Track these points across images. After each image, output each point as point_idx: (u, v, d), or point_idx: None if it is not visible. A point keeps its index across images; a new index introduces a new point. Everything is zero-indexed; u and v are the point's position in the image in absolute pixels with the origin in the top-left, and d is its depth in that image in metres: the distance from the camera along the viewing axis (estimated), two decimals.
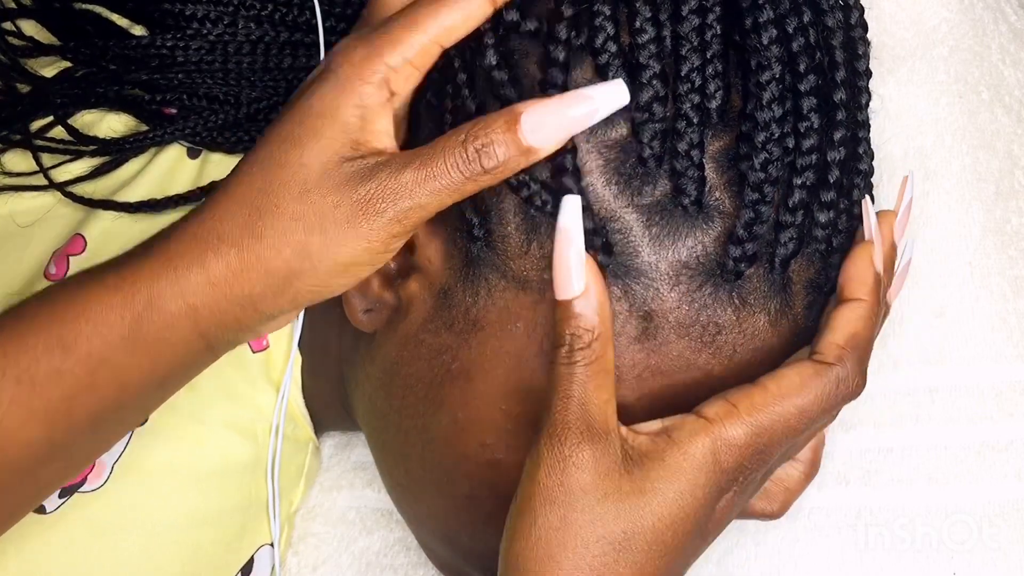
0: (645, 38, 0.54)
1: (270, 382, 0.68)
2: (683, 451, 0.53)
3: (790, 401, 0.54)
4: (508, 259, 0.56)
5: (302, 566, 0.75)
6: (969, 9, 0.73)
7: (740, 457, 0.54)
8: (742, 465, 0.54)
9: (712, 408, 0.54)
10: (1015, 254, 0.71)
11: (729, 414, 0.54)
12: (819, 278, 0.58)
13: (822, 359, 0.55)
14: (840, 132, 0.57)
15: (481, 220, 0.57)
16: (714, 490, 0.54)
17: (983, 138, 0.72)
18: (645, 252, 0.55)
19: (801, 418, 0.54)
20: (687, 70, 0.54)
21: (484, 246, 0.57)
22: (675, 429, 0.54)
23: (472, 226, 0.57)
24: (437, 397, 0.59)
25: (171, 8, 0.69)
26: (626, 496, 0.53)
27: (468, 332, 0.58)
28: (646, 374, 0.56)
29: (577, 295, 0.53)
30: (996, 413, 0.69)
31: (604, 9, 0.55)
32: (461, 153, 0.53)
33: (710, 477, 0.53)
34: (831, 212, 0.56)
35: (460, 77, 0.56)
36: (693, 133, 0.54)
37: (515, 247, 0.56)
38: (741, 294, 0.56)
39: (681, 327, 0.55)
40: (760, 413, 0.54)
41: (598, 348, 0.53)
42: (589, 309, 0.53)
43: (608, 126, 0.55)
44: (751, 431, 0.53)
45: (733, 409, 0.54)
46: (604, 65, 0.54)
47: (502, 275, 0.57)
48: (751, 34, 0.55)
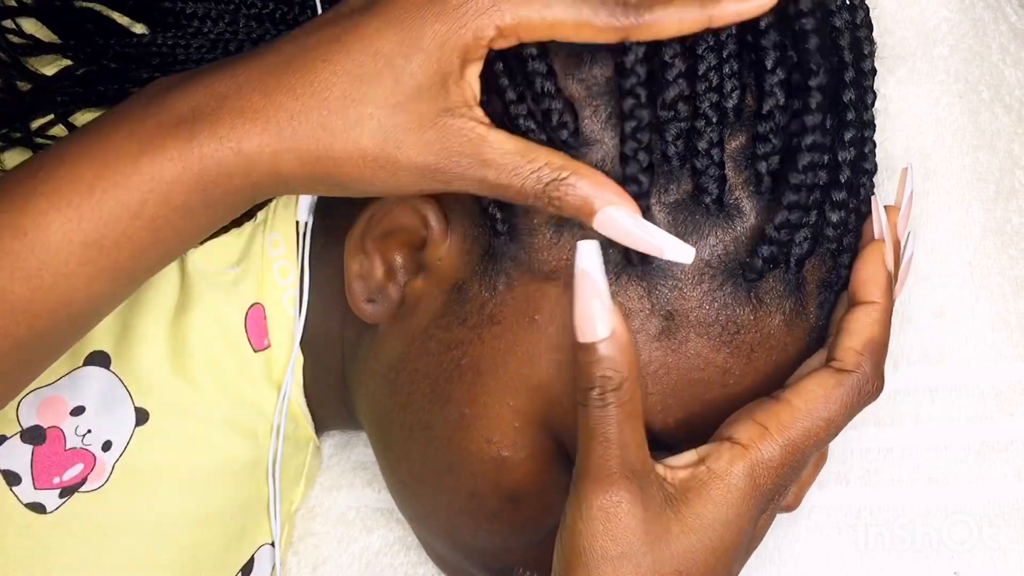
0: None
1: (271, 382, 0.68)
2: (725, 481, 0.54)
3: (817, 414, 0.55)
4: (534, 252, 0.57)
5: (302, 565, 0.75)
6: (969, 9, 0.73)
7: (777, 476, 0.55)
8: (778, 483, 0.55)
9: (744, 432, 0.55)
10: (1015, 254, 0.71)
11: (762, 436, 0.54)
12: (830, 277, 0.59)
13: (841, 366, 0.56)
14: (850, 132, 0.57)
15: (505, 215, 0.57)
16: (756, 512, 0.55)
17: (983, 138, 0.72)
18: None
19: (829, 428, 0.55)
20: (704, 69, 0.54)
21: (508, 240, 0.57)
22: (712, 459, 0.54)
23: (496, 221, 0.57)
24: (444, 393, 0.59)
25: (172, 6, 0.69)
26: (676, 537, 0.53)
27: (482, 326, 0.58)
28: (662, 371, 0.56)
29: (607, 337, 0.52)
30: (996, 413, 0.69)
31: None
32: (538, 179, 0.52)
33: (751, 500, 0.54)
34: (842, 211, 0.57)
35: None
36: (712, 132, 0.55)
37: (543, 240, 0.57)
38: (758, 294, 0.56)
39: (701, 326, 0.56)
40: (790, 430, 0.55)
41: (628, 389, 0.53)
42: (616, 351, 0.52)
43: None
44: (784, 449, 0.54)
45: (764, 431, 0.54)
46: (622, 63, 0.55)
47: (526, 268, 0.57)
48: (765, 33, 0.55)
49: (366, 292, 0.62)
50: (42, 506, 0.62)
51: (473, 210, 0.59)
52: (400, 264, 0.61)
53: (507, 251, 0.58)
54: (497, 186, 0.53)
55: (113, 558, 0.63)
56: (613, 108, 0.56)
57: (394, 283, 0.61)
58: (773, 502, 0.56)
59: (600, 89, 0.56)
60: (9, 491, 0.62)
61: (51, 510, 0.62)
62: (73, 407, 0.63)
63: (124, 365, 0.64)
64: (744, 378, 0.57)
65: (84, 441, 0.63)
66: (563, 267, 0.56)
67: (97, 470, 0.63)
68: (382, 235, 0.60)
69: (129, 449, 0.64)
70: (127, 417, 0.64)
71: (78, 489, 0.63)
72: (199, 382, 0.66)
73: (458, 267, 0.59)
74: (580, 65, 0.56)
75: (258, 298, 0.67)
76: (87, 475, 0.63)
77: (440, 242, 0.59)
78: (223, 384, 0.66)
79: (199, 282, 0.66)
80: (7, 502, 0.62)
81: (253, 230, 0.68)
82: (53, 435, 0.63)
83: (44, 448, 0.63)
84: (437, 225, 0.59)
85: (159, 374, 0.65)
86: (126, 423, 0.64)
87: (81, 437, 0.63)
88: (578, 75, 0.56)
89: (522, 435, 0.59)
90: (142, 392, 0.64)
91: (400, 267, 0.61)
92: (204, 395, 0.66)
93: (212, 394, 0.66)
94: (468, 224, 0.59)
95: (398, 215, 0.60)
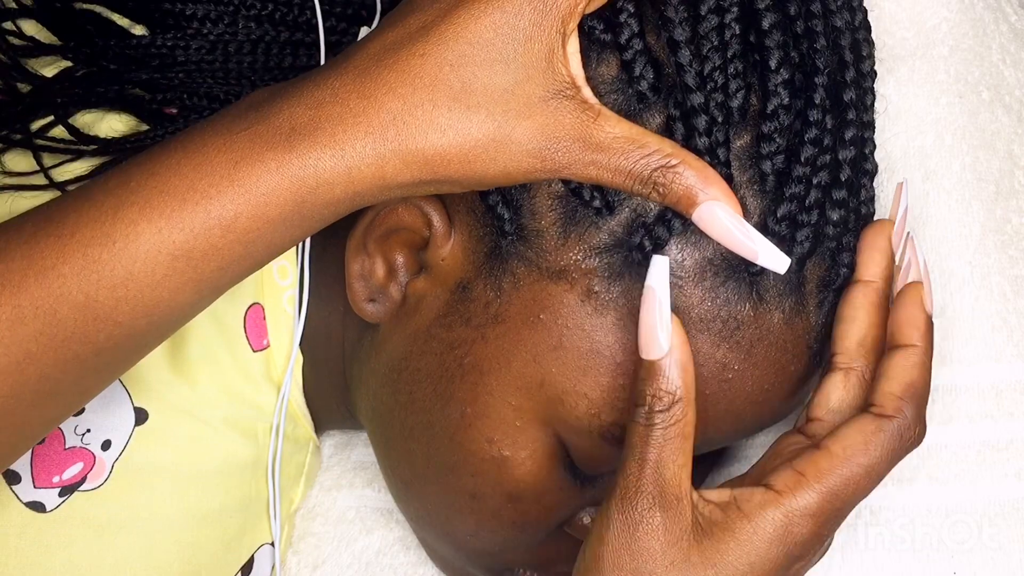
0: (682, 36, 0.55)
1: (271, 381, 0.68)
2: (753, 525, 0.54)
3: (856, 461, 0.54)
4: (543, 252, 0.57)
5: (302, 565, 0.75)
6: (969, 9, 0.73)
7: (816, 525, 0.54)
8: (818, 533, 0.54)
9: (780, 479, 0.54)
10: (1015, 254, 0.71)
11: (798, 484, 0.54)
12: (829, 276, 0.59)
13: (882, 411, 0.56)
14: (851, 131, 0.57)
15: (512, 215, 0.57)
16: (786, 560, 0.54)
17: (983, 138, 0.71)
18: (672, 250, 0.55)
19: (870, 476, 0.55)
20: (709, 69, 0.55)
21: (515, 240, 0.57)
22: (744, 501, 0.54)
23: (503, 221, 0.57)
24: (446, 392, 0.60)
25: (171, 8, 0.69)
26: (694, 567, 0.53)
27: (486, 326, 0.58)
28: None
29: (662, 356, 0.53)
30: (996, 413, 0.69)
31: (629, 7, 0.55)
32: (647, 164, 0.51)
33: (781, 549, 0.54)
34: (842, 210, 0.57)
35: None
36: (718, 131, 0.55)
37: (552, 239, 0.57)
38: (759, 291, 0.57)
39: (702, 322, 0.56)
40: (828, 478, 0.54)
41: (678, 412, 0.53)
42: (673, 371, 0.53)
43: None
44: (823, 497, 0.54)
45: (801, 478, 0.54)
46: (629, 62, 0.55)
47: (534, 267, 0.57)
48: (769, 34, 0.55)
49: (367, 292, 0.62)
50: (42, 505, 0.62)
51: (478, 209, 0.59)
52: (402, 264, 0.61)
53: (514, 251, 0.58)
54: (608, 170, 0.51)
55: (113, 557, 0.63)
56: (621, 107, 0.56)
57: (395, 283, 0.61)
58: (811, 551, 0.55)
59: (607, 87, 0.56)
60: (9, 490, 0.62)
61: (50, 509, 0.63)
62: None
63: None
64: (743, 374, 0.57)
65: (83, 440, 0.63)
66: (572, 269, 0.56)
67: (96, 469, 0.63)
68: (384, 235, 0.60)
69: (128, 448, 0.64)
70: (126, 416, 0.64)
71: (78, 488, 0.63)
72: (198, 382, 0.66)
73: (462, 267, 0.59)
74: (587, 64, 0.56)
75: (257, 298, 0.68)
76: (86, 474, 0.63)
77: (444, 242, 0.59)
78: (222, 384, 0.66)
79: None
80: (7, 501, 0.62)
81: None
82: (52, 434, 0.63)
83: (43, 447, 0.63)
84: (441, 225, 0.59)
85: (158, 374, 0.65)
86: (125, 422, 0.64)
87: (80, 436, 0.63)
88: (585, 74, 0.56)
89: (523, 434, 0.59)
90: (141, 392, 0.64)
91: (402, 267, 0.61)
92: (203, 395, 0.66)
93: (211, 394, 0.66)
94: (473, 224, 0.59)
95: (401, 215, 0.60)
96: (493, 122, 0.50)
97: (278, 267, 0.68)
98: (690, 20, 0.55)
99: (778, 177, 0.56)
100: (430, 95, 0.50)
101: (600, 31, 0.56)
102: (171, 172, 0.51)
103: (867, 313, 0.59)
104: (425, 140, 0.50)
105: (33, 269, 0.50)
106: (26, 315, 0.50)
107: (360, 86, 0.51)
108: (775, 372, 0.58)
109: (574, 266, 0.56)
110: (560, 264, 0.57)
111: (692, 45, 0.55)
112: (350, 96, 0.51)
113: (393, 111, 0.50)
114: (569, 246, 0.56)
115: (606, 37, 0.56)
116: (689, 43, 0.55)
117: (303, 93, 0.51)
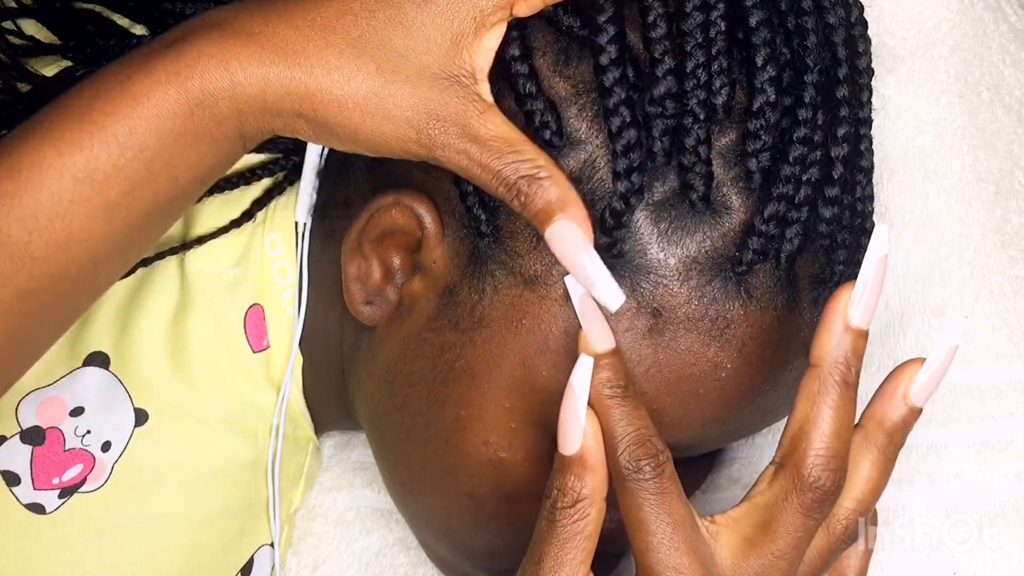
0: (659, 33, 0.54)
1: (270, 382, 0.68)
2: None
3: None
4: (516, 256, 0.57)
5: (302, 566, 0.75)
6: (969, 9, 0.73)
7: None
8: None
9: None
10: (1015, 254, 0.71)
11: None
12: (823, 273, 0.59)
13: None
14: (843, 128, 0.57)
15: (489, 217, 0.57)
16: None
17: (983, 138, 0.72)
18: (654, 249, 0.55)
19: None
20: (692, 66, 0.54)
21: (492, 242, 0.57)
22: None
23: (480, 223, 0.57)
24: (440, 395, 0.59)
25: (171, 8, 0.69)
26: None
27: (473, 330, 0.58)
28: (654, 369, 0.56)
29: (573, 453, 0.53)
30: (996, 413, 0.69)
31: (608, 7, 0.55)
32: (515, 169, 0.52)
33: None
34: (835, 208, 0.57)
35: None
36: (700, 129, 0.54)
37: (524, 243, 0.56)
38: (748, 288, 0.56)
39: (690, 321, 0.56)
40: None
41: (581, 510, 0.52)
42: (581, 469, 0.52)
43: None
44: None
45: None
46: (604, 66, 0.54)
47: (509, 272, 0.57)
48: (756, 31, 0.55)
49: (364, 294, 0.61)
50: (42, 506, 0.62)
51: (459, 210, 0.58)
52: (397, 266, 0.61)
53: (491, 254, 0.57)
54: (476, 163, 0.52)
55: (112, 558, 0.63)
56: (599, 106, 0.55)
57: (392, 285, 0.61)
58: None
59: (587, 86, 0.56)
60: (9, 491, 0.62)
61: (51, 510, 0.63)
62: (72, 408, 0.64)
63: (123, 366, 0.64)
64: (737, 372, 0.57)
65: (83, 442, 0.63)
66: (543, 275, 0.56)
67: (96, 470, 0.63)
68: (379, 237, 0.60)
69: (128, 450, 0.64)
70: (126, 418, 0.64)
71: (78, 490, 0.63)
72: (198, 383, 0.66)
73: (450, 269, 0.59)
74: (568, 62, 0.56)
75: (257, 299, 0.67)
76: (86, 475, 0.63)
77: (435, 244, 0.59)
78: (222, 385, 0.66)
79: (199, 283, 0.66)
80: (7, 502, 0.62)
81: (252, 231, 0.68)
82: (52, 436, 0.63)
83: (43, 449, 0.63)
84: (432, 226, 0.59)
85: (158, 375, 0.65)
86: (125, 424, 0.64)
87: (80, 438, 0.63)
88: (565, 72, 0.56)
89: (519, 436, 0.59)
90: (141, 393, 0.64)
91: (397, 269, 0.61)
92: (203, 396, 0.66)
93: (211, 395, 0.66)
94: (456, 225, 0.59)
95: (395, 216, 0.60)
96: (380, 77, 0.51)
97: (278, 267, 0.68)
98: (672, 16, 0.55)
99: (765, 175, 0.56)
100: (325, 36, 0.51)
101: (578, 28, 0.56)
102: (73, 96, 0.52)
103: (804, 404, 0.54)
104: (310, 74, 0.51)
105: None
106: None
107: (263, 13, 0.52)
108: (770, 370, 0.58)
109: (546, 271, 0.56)
110: (533, 270, 0.56)
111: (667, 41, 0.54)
112: (251, 18, 0.52)
113: (287, 39, 0.51)
114: (542, 249, 0.56)
115: (583, 34, 0.56)
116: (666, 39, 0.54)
117: (207, 14, 0.53)
